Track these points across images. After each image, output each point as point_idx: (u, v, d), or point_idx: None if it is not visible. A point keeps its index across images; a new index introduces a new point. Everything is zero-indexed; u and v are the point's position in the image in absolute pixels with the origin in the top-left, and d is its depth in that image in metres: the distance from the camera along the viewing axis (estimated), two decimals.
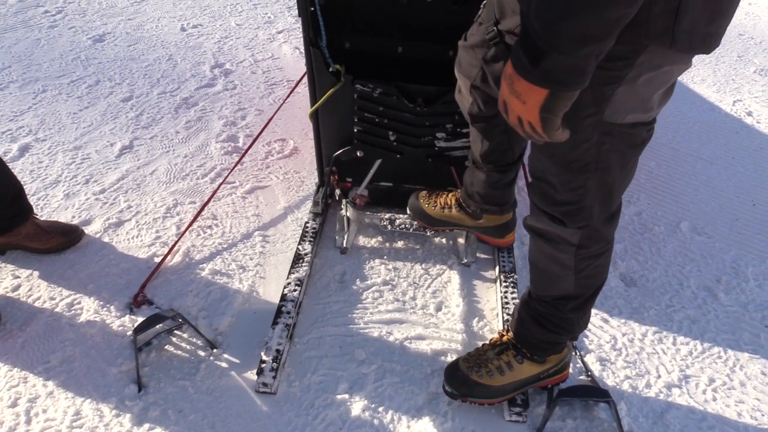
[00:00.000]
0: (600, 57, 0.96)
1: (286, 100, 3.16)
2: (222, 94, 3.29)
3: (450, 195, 2.21)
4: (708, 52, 1.12)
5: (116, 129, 2.97)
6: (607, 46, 0.95)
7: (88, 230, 2.34)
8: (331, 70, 1.98)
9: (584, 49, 0.93)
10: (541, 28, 0.92)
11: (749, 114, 3.52)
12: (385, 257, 2.28)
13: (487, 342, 1.83)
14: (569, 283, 1.56)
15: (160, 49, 3.75)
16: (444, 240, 2.36)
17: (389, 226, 2.31)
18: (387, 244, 2.33)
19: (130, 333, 1.91)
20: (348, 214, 2.33)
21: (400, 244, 2.34)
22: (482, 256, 2.32)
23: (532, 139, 1.12)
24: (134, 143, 2.87)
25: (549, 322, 1.65)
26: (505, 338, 1.79)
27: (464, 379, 1.73)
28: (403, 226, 2.32)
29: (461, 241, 2.33)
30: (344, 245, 2.25)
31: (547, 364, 1.76)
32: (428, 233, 2.33)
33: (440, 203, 2.20)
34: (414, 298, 2.12)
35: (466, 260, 2.25)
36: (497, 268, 2.23)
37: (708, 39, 1.10)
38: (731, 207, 2.74)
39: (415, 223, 2.30)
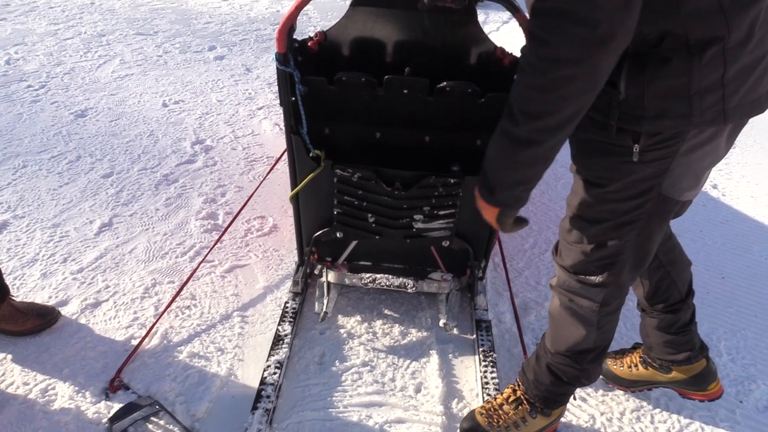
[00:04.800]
0: (531, 189, 1.36)
1: (266, 177, 3.21)
2: (202, 171, 3.34)
3: (635, 353, 2.10)
4: (762, 112, 1.31)
5: (96, 206, 2.98)
6: (534, 184, 1.35)
7: (64, 311, 2.32)
8: (311, 155, 2.04)
9: (520, 188, 1.35)
10: (491, 176, 1.35)
11: (714, 187, 3.66)
12: (363, 337, 2.28)
13: (501, 394, 1.92)
14: (591, 338, 1.68)
15: (141, 125, 3.81)
16: (422, 319, 2.38)
17: (370, 284, 2.31)
18: (366, 324, 2.34)
19: (105, 421, 1.87)
20: (329, 278, 2.34)
21: (378, 323, 2.35)
22: (460, 335, 2.34)
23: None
24: (114, 221, 2.88)
25: (566, 374, 1.75)
26: (518, 392, 1.88)
27: None
28: (384, 282, 2.31)
29: (442, 306, 2.34)
30: (324, 310, 2.25)
31: (552, 417, 1.87)
32: (409, 290, 2.32)
33: (626, 363, 2.10)
34: (393, 380, 2.12)
35: (445, 321, 2.25)
36: (476, 348, 2.24)
37: (758, 102, 1.28)
38: (701, 280, 2.81)
39: (397, 280, 2.31)
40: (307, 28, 6.06)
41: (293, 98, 1.94)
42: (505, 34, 6.37)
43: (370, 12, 2.05)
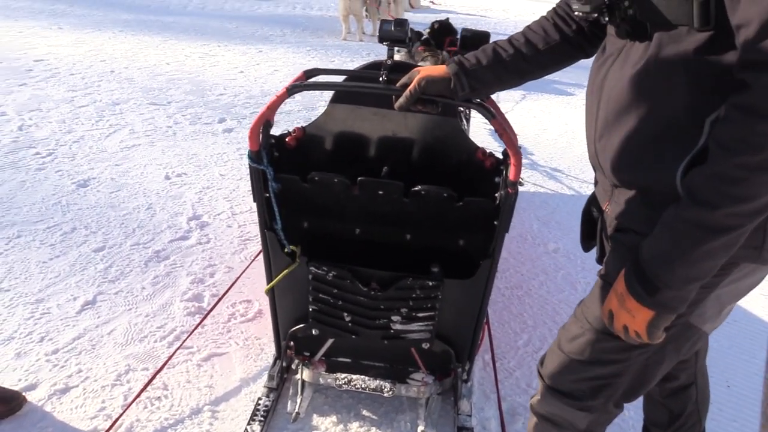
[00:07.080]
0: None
1: (255, 258, 3.16)
2: (194, 248, 3.30)
3: None
4: None
5: (82, 282, 2.94)
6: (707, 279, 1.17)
7: (31, 396, 2.24)
8: (286, 251, 1.99)
9: (691, 286, 1.15)
10: (658, 272, 1.14)
11: None
12: None
13: None
14: None
15: (141, 197, 3.81)
16: (401, 422, 2.26)
17: (345, 386, 2.20)
18: (341, 426, 2.22)
19: None
20: (303, 376, 2.24)
21: (355, 425, 2.23)
22: None
23: (632, 341, 1.27)
24: (98, 298, 2.83)
25: None
26: None
27: None
28: (360, 384, 2.20)
29: (421, 411, 2.22)
30: (297, 410, 2.14)
31: None
32: (385, 394, 2.19)
33: None
34: None
35: (423, 429, 2.13)
36: None
37: None
38: None
39: (374, 383, 2.19)
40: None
41: (266, 194, 1.90)
42: (519, 114, 6.41)
43: (350, 109, 2.04)
